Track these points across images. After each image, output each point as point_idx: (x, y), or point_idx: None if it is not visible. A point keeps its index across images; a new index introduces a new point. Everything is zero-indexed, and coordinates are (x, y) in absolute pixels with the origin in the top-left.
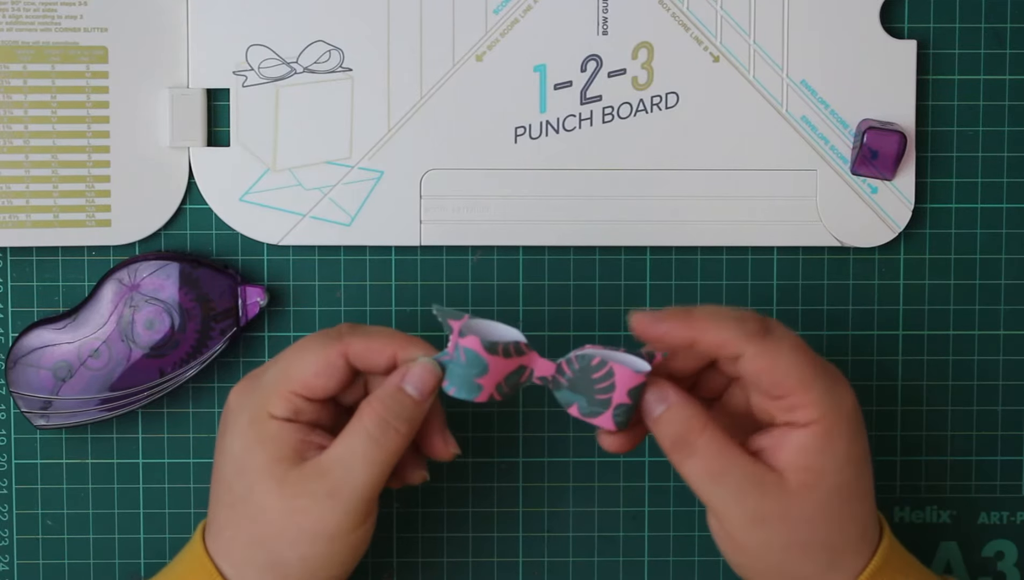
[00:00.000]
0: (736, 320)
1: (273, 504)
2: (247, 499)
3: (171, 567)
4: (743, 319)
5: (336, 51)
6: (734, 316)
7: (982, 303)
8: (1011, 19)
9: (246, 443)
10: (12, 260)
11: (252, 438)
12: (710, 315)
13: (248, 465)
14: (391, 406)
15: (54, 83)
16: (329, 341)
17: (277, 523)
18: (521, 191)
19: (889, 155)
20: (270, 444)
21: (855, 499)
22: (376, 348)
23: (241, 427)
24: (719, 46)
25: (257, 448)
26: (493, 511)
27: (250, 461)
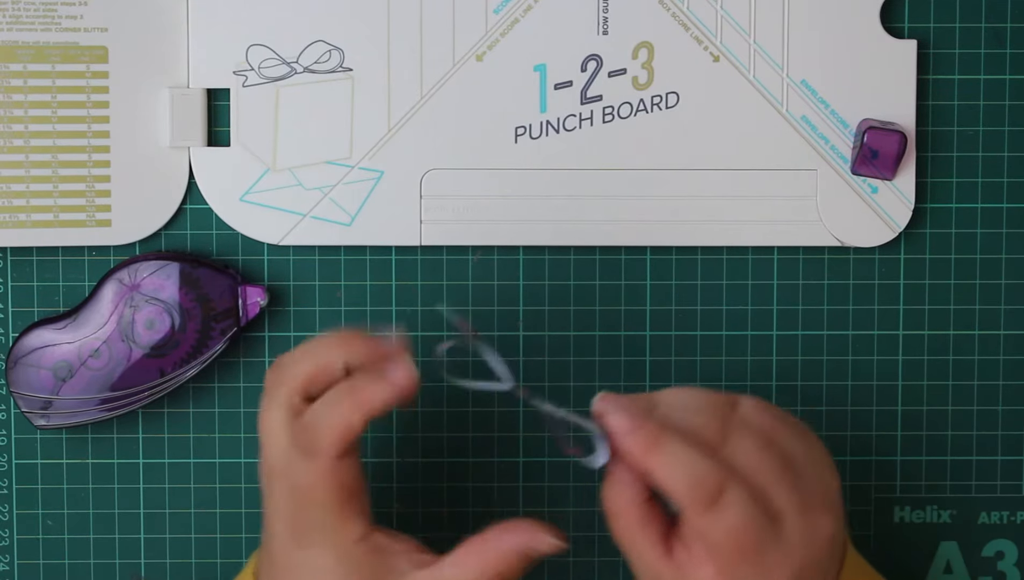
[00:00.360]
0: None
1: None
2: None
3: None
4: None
5: (336, 51)
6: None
7: (982, 303)
8: (1011, 19)
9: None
10: (12, 260)
11: (343, 573)
12: (669, 458)
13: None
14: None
15: (54, 83)
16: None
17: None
18: (521, 191)
19: (889, 155)
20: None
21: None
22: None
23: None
24: (719, 46)
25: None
26: (493, 511)
27: None
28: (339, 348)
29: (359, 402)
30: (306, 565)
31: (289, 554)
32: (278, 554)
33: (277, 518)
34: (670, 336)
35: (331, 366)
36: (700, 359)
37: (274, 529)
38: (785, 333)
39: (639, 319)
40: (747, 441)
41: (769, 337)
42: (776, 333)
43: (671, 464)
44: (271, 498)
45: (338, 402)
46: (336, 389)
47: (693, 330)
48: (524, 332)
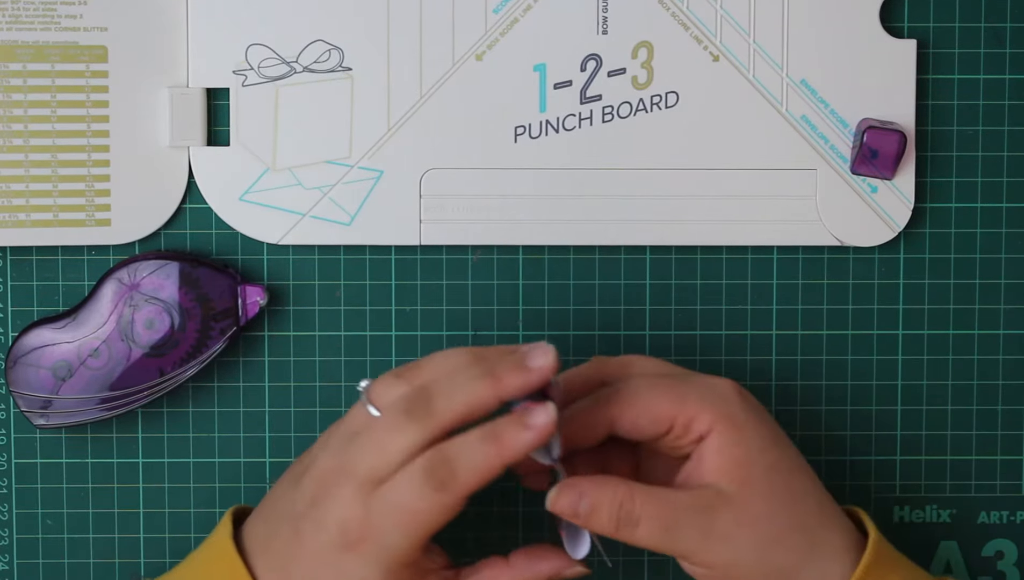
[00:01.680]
0: (591, 398)
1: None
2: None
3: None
4: (597, 395)
5: (336, 51)
6: (592, 397)
7: (982, 303)
8: (1011, 19)
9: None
10: (12, 260)
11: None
12: (573, 412)
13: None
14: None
15: (54, 83)
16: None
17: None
18: (521, 191)
19: (889, 154)
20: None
21: (795, 474)
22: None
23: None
24: (719, 46)
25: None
26: (493, 511)
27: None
28: (495, 389)
29: (503, 449)
30: (348, 572)
31: (333, 554)
32: (316, 549)
33: (340, 516)
34: (670, 336)
35: (485, 408)
36: (700, 359)
37: (325, 522)
38: (784, 333)
39: (639, 319)
40: (629, 376)
41: (769, 337)
42: (775, 333)
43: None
44: (343, 500)
45: (482, 446)
46: (482, 430)
47: (693, 330)
48: (524, 332)
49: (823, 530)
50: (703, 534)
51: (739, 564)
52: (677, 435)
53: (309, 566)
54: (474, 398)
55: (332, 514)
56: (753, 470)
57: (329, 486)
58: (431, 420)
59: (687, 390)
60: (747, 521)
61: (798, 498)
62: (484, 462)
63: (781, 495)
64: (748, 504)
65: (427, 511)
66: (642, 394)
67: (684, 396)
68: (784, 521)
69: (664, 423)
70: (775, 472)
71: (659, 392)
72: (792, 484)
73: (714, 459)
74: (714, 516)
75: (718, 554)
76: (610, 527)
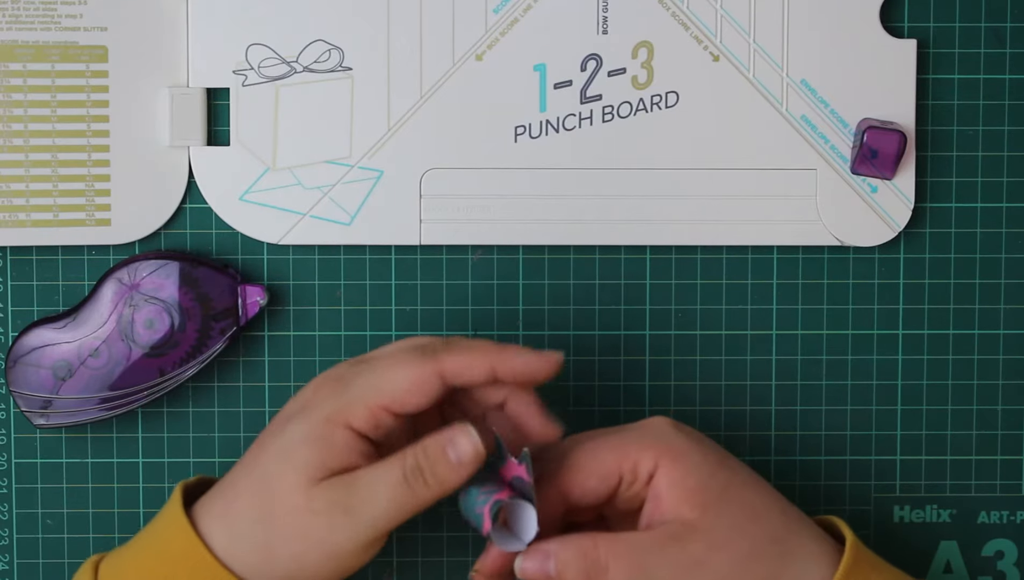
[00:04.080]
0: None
1: (293, 501)
2: (273, 484)
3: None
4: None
5: (336, 50)
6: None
7: (982, 303)
8: (1011, 18)
9: (306, 437)
10: (12, 260)
11: (316, 436)
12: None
13: (296, 457)
14: (431, 462)
15: (54, 82)
16: (424, 359)
17: (287, 519)
18: (521, 191)
19: (889, 154)
20: (332, 450)
21: (750, 489)
22: (472, 362)
23: (311, 422)
24: (719, 45)
25: (316, 447)
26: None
27: (300, 454)
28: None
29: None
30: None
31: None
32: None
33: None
34: (670, 335)
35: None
36: (699, 358)
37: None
38: (785, 332)
39: (639, 318)
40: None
41: (768, 336)
42: (775, 332)
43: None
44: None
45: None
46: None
47: (693, 330)
48: (524, 332)
49: (794, 537)
50: (677, 566)
51: None
52: (628, 483)
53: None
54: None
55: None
56: (709, 494)
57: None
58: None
59: (622, 438)
60: (718, 543)
61: (760, 511)
62: (479, 355)
63: (743, 511)
64: (713, 527)
65: (403, 367)
66: (582, 457)
67: (622, 444)
68: (753, 535)
69: (612, 477)
70: (731, 490)
71: (597, 449)
72: (751, 499)
73: (669, 493)
74: (684, 546)
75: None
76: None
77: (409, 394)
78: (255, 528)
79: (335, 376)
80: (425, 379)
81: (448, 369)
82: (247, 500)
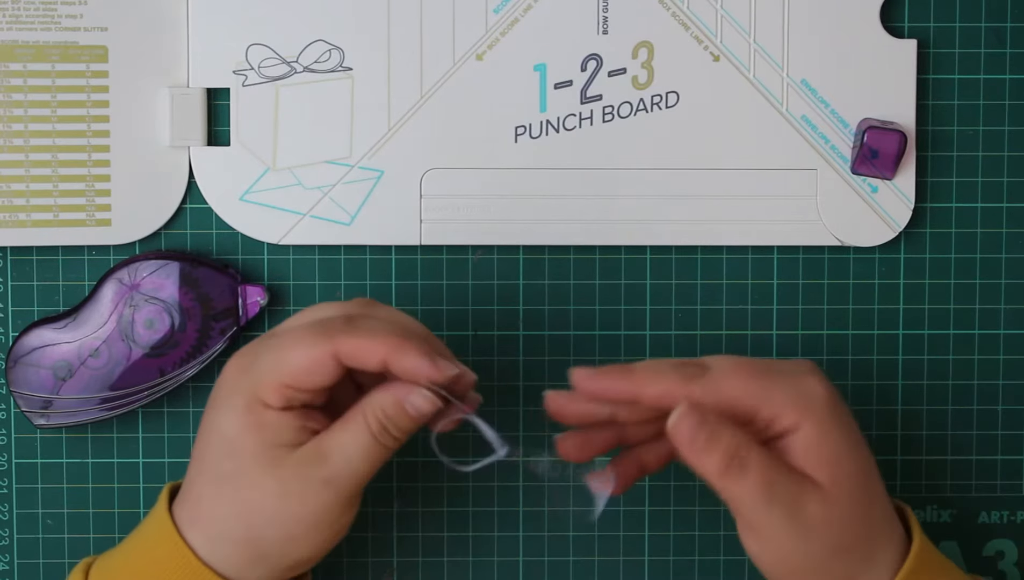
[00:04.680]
0: (673, 368)
1: (266, 486)
2: (236, 478)
3: (136, 536)
4: (680, 365)
5: (336, 51)
6: (672, 364)
7: (982, 303)
8: (1011, 18)
9: (241, 427)
10: (12, 260)
11: (248, 423)
12: (649, 369)
13: (242, 448)
14: (392, 417)
15: (54, 83)
16: (320, 339)
17: (266, 504)
18: (521, 191)
19: (889, 154)
20: (267, 430)
21: (875, 481)
22: (367, 350)
23: (236, 409)
24: (719, 45)
25: (253, 433)
26: (493, 511)
27: (244, 444)
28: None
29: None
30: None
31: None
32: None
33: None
34: (670, 336)
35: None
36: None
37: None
38: (785, 333)
39: (639, 319)
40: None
41: (769, 337)
42: (776, 333)
43: (650, 370)
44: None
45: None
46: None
47: (693, 330)
48: (524, 332)
49: (882, 542)
50: (792, 519)
51: (800, 562)
52: (761, 427)
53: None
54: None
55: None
56: (842, 469)
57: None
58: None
59: (772, 385)
60: (832, 519)
61: (875, 505)
62: (376, 343)
63: (863, 500)
64: (836, 502)
65: (300, 347)
66: (725, 383)
67: (769, 391)
68: (858, 530)
69: (747, 416)
70: (861, 475)
71: (743, 382)
72: (872, 491)
73: (804, 453)
74: (805, 501)
75: (792, 544)
76: (719, 465)
77: (307, 374)
78: (232, 526)
79: (246, 352)
80: (320, 360)
81: (343, 351)
82: (212, 501)
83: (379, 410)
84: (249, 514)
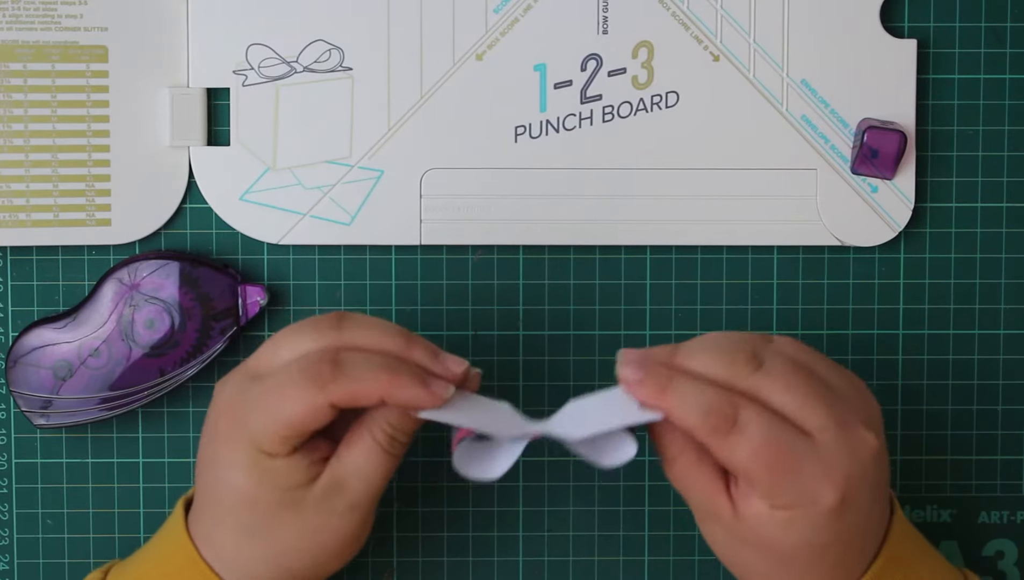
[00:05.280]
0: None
1: (292, 527)
2: (260, 528)
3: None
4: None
5: (336, 50)
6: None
7: (982, 303)
8: (1011, 18)
9: (254, 482)
10: (12, 260)
11: (258, 477)
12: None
13: (259, 500)
14: (398, 425)
15: (54, 82)
16: (311, 389)
17: (295, 543)
18: (521, 191)
19: (889, 154)
20: (280, 477)
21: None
22: (362, 394)
23: (243, 467)
24: (719, 45)
25: (267, 484)
26: (493, 510)
27: (261, 497)
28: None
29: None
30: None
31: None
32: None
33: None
34: (670, 335)
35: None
36: None
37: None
38: (785, 332)
39: (639, 318)
40: (778, 366)
41: None
42: (776, 333)
43: (681, 400)
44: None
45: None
46: (386, 362)
47: (693, 330)
48: (524, 332)
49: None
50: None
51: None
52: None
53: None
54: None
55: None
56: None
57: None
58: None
59: (828, 415)
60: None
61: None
62: (369, 385)
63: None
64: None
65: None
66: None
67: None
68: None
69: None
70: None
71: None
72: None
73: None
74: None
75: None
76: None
77: (303, 423)
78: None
79: (234, 397)
80: (315, 409)
81: (336, 400)
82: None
83: (385, 424)
84: (278, 556)
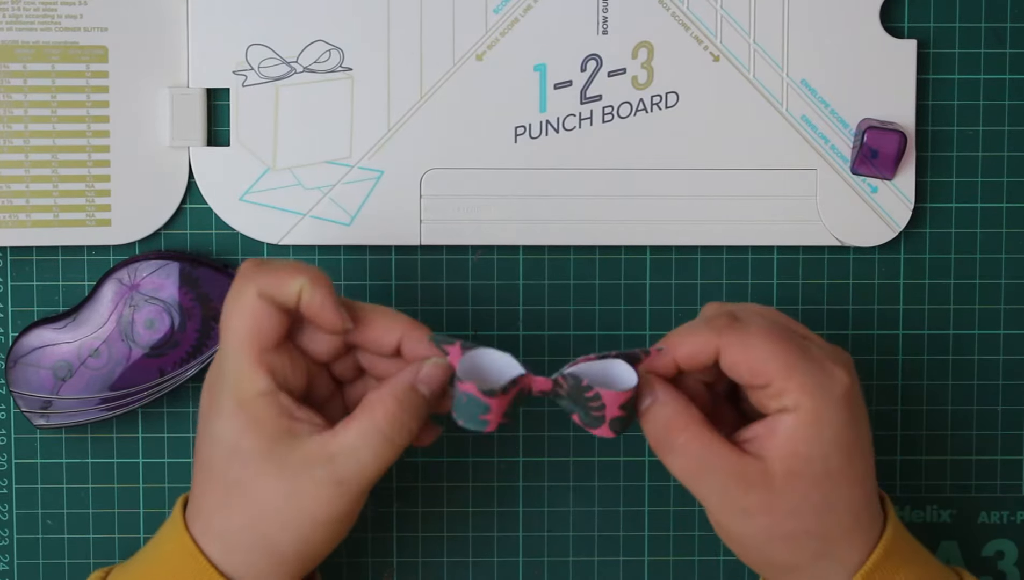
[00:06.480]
0: (704, 323)
1: (273, 487)
2: (242, 484)
3: (152, 547)
4: (711, 318)
5: (336, 51)
6: (703, 319)
7: (982, 303)
8: (1011, 18)
9: (237, 428)
10: (12, 260)
11: (242, 422)
12: (681, 330)
13: (242, 450)
14: (406, 405)
15: (54, 83)
16: (244, 289)
17: (276, 506)
18: (521, 191)
19: (889, 154)
20: (263, 426)
21: (845, 485)
22: (284, 278)
23: (228, 410)
24: (719, 46)
25: (250, 432)
26: (493, 511)
27: (244, 445)
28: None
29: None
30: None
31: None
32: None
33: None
34: None
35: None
36: None
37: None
38: None
39: (639, 319)
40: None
41: None
42: None
43: (681, 331)
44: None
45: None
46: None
47: None
48: (524, 332)
49: (844, 540)
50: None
51: (741, 540)
52: (767, 395)
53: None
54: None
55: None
56: (808, 468)
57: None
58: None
59: (796, 365)
60: (772, 512)
61: (835, 510)
62: (289, 272)
63: (819, 503)
64: (783, 499)
65: (234, 311)
66: (757, 343)
67: (791, 371)
68: (807, 526)
69: (762, 379)
70: (827, 478)
71: (771, 353)
72: (836, 495)
73: (783, 440)
74: (746, 490)
75: (729, 523)
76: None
77: (251, 328)
78: (245, 535)
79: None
80: (253, 307)
81: (263, 286)
82: (223, 512)
83: (390, 403)
84: (258, 520)
